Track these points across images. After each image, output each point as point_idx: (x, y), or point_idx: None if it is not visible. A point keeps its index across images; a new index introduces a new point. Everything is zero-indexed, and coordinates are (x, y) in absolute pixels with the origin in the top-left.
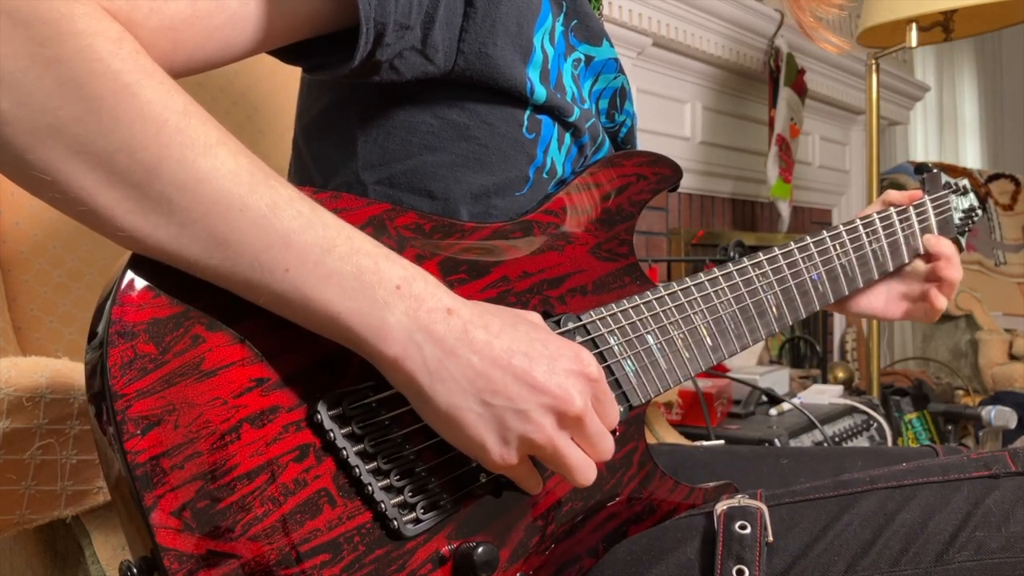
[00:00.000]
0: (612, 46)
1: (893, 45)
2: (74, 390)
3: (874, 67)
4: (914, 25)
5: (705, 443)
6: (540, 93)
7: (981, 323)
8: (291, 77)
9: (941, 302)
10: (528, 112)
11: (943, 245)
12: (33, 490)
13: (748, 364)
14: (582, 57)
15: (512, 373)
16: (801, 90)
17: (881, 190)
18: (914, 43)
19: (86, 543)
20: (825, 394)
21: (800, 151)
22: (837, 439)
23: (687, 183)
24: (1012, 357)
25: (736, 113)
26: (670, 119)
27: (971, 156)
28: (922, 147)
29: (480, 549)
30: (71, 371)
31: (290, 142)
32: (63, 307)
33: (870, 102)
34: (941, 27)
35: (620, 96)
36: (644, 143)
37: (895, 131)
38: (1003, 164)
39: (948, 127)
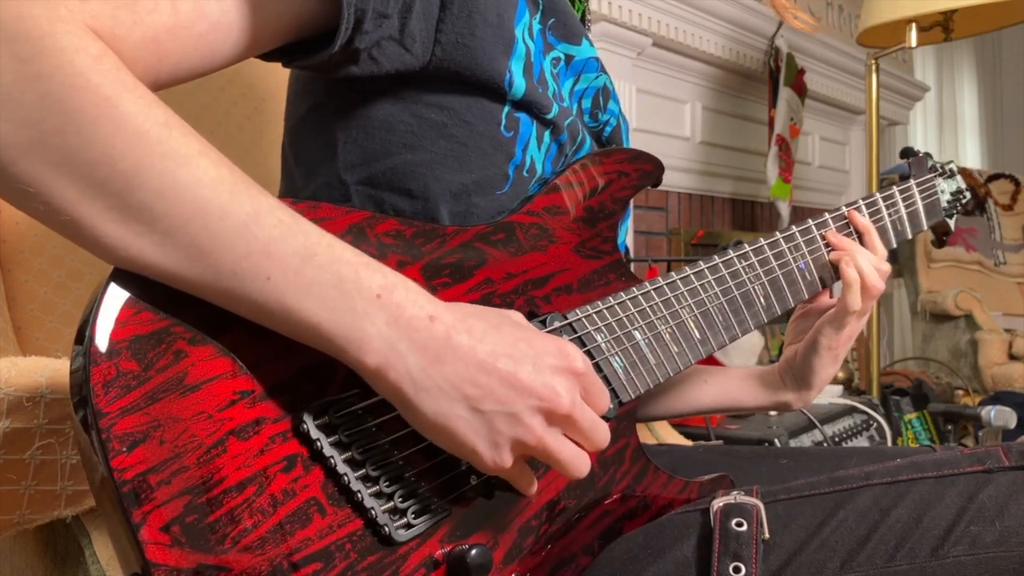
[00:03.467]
0: (592, 45)
1: (893, 45)
2: None
3: (874, 67)
4: (914, 25)
5: (704, 443)
6: (519, 86)
7: (981, 323)
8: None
9: (850, 274)
10: (506, 110)
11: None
12: (33, 490)
13: (748, 364)
14: (561, 56)
15: (498, 376)
16: (801, 90)
17: (881, 190)
18: (914, 43)
19: (86, 543)
20: (825, 394)
21: (800, 151)
22: (837, 439)
23: (687, 183)
24: (1012, 357)
25: (736, 113)
26: (670, 119)
27: (971, 156)
28: (922, 147)
29: (473, 551)
30: None
31: None
32: (63, 307)
33: (870, 102)
34: (941, 27)
35: (603, 95)
36: (644, 143)
37: (895, 131)
38: (1003, 164)
39: (948, 127)
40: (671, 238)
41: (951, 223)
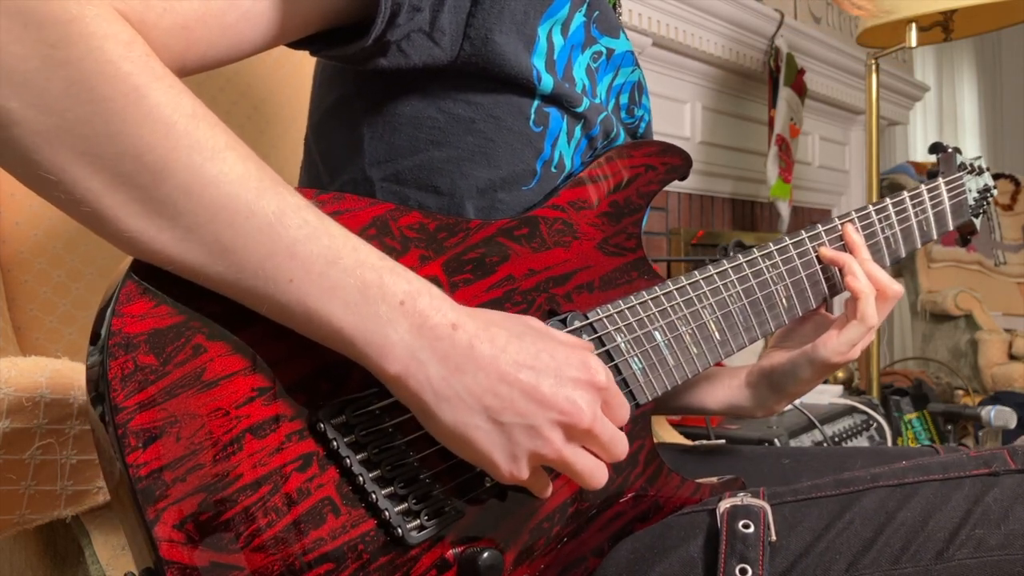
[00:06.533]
0: (628, 38)
1: (893, 45)
2: (74, 390)
3: (874, 67)
4: (914, 25)
5: (706, 443)
6: (547, 82)
7: (981, 323)
8: (293, 74)
9: (856, 281)
10: (535, 104)
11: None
12: (33, 490)
13: (748, 364)
14: (603, 50)
15: (520, 388)
16: (801, 90)
17: (881, 190)
18: (914, 43)
19: (86, 543)
20: (825, 394)
21: (800, 151)
22: (837, 439)
23: (687, 183)
24: (1012, 357)
25: (736, 113)
26: (670, 119)
27: (971, 156)
28: (922, 147)
29: (485, 554)
30: (71, 371)
31: (293, 139)
32: (63, 307)
33: (870, 102)
34: (941, 27)
35: (638, 90)
36: None
37: (895, 131)
38: (1003, 164)
39: (948, 127)
40: (671, 238)
41: (977, 222)
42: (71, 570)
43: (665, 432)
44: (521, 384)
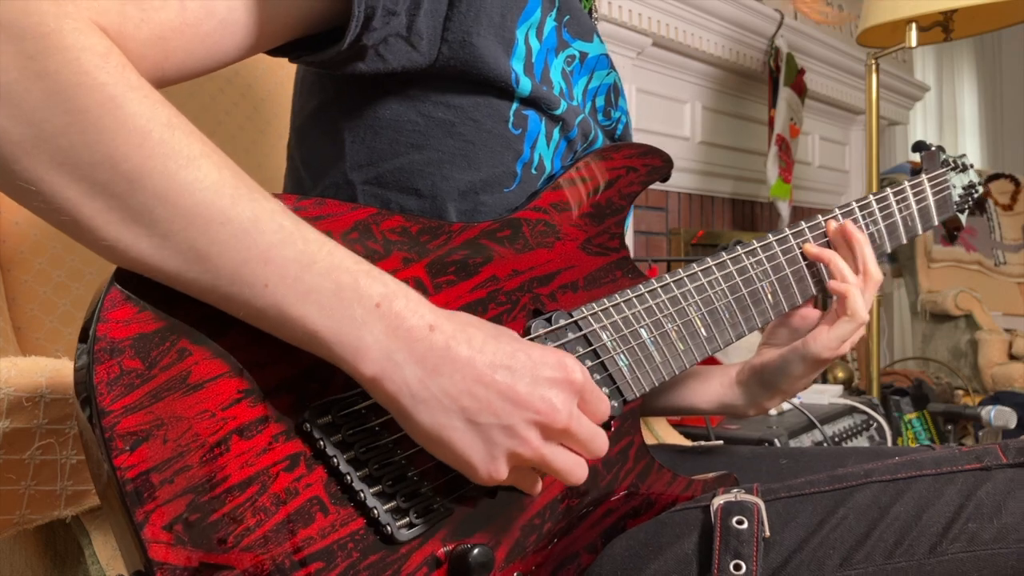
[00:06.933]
0: (602, 41)
1: (893, 45)
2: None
3: (874, 67)
4: (914, 25)
5: (704, 443)
6: (525, 84)
7: (981, 323)
8: (290, 76)
9: (842, 280)
10: (514, 107)
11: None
12: (33, 490)
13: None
14: (576, 54)
15: (496, 389)
16: (801, 90)
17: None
18: (914, 43)
19: (86, 543)
20: (825, 394)
21: (800, 151)
22: (837, 439)
23: (687, 183)
24: (1012, 357)
25: (736, 113)
26: (670, 119)
27: (971, 156)
28: None
29: (476, 551)
30: (71, 371)
31: None
32: (63, 307)
33: (870, 102)
34: (941, 27)
35: (614, 92)
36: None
37: (895, 131)
38: (1003, 164)
39: (948, 127)
40: (671, 238)
41: (963, 218)
42: (71, 570)
43: (665, 432)
44: (497, 385)
